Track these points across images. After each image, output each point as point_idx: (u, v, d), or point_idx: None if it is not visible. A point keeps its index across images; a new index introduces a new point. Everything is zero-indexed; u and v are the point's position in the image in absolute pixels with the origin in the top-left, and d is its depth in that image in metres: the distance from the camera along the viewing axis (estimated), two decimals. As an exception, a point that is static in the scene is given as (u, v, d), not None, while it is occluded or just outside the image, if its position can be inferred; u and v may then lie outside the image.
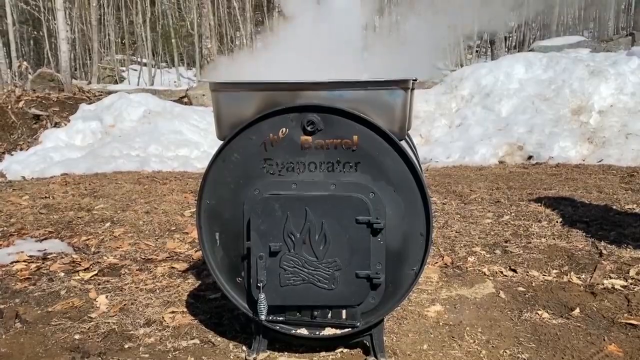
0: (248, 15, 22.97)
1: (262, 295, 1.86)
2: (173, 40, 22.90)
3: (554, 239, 3.55)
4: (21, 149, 8.09)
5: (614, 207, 4.23)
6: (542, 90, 8.21)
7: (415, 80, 1.98)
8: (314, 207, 1.87)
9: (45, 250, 3.57)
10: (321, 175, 1.92)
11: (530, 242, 3.48)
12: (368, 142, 1.89)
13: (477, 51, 25.35)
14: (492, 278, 2.94)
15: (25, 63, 11.30)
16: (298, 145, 1.92)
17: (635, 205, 4.23)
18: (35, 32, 22.60)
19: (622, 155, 6.37)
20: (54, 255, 3.49)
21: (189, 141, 8.22)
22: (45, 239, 3.85)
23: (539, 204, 4.45)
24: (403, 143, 1.97)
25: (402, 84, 1.85)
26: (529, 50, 12.77)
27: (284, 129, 1.92)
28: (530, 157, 6.94)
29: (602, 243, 3.38)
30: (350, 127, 1.89)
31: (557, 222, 3.93)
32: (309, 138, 1.91)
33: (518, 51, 22.16)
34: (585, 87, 7.83)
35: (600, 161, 6.37)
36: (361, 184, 1.89)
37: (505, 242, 3.54)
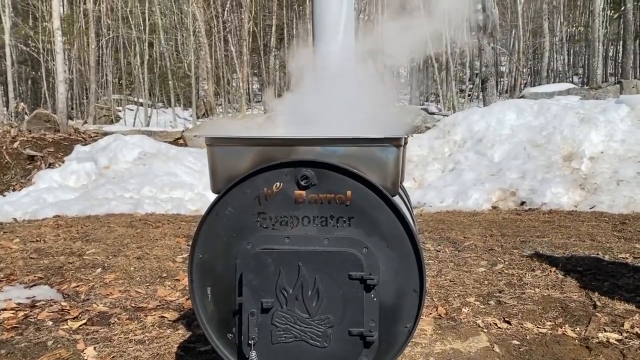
0: (245, 58, 23.40)
1: (253, 353, 1.83)
2: (170, 82, 23.21)
3: (548, 289, 3.53)
4: (14, 190, 8.07)
5: (607, 256, 4.24)
6: (534, 137, 8.33)
7: (408, 137, 2.01)
8: (307, 262, 1.86)
9: (34, 297, 3.52)
10: (314, 230, 1.92)
11: (524, 293, 3.46)
12: (361, 197, 1.90)
13: (469, 95, 25.82)
14: (486, 330, 2.91)
15: (22, 104, 11.41)
16: (292, 199, 1.92)
17: (628, 255, 4.24)
18: (34, 73, 22.89)
19: (614, 202, 6.41)
20: (43, 302, 3.43)
21: (184, 183, 8.23)
22: (35, 285, 3.79)
23: (533, 252, 4.45)
24: (396, 198, 1.99)
25: (395, 142, 1.88)
26: (520, 97, 13.02)
27: (278, 183, 1.93)
28: (523, 203, 6.97)
29: (596, 294, 3.37)
30: (344, 182, 1.90)
31: (550, 271, 3.92)
32: (303, 192, 1.92)
33: (509, 95, 22.62)
34: (575, 134, 7.96)
35: (592, 208, 6.41)
36: (354, 239, 1.89)
37: (499, 292, 3.52)
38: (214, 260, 1.97)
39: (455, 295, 3.48)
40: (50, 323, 3.10)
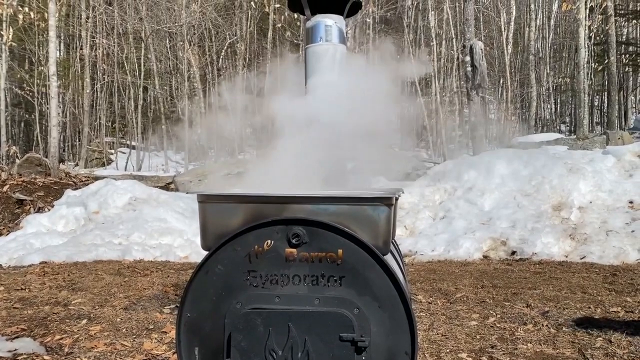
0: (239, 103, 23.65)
1: (241, 418, 1.78)
2: (163, 126, 23.37)
3: (540, 344, 3.49)
4: (0, 235, 7.96)
5: (599, 309, 4.21)
6: (523, 186, 8.41)
7: (399, 195, 2.03)
8: (297, 322, 1.83)
9: (15, 350, 3.42)
10: (305, 289, 1.90)
11: (516, 348, 3.42)
12: (352, 256, 1.89)
13: (459, 142, 26.16)
14: (479, 389, 2.85)
15: (14, 147, 11.41)
16: (283, 257, 1.91)
17: (619, 308, 4.22)
18: (27, 115, 22.98)
19: (604, 253, 6.43)
20: (25, 356, 3.34)
21: (173, 229, 8.16)
22: (17, 337, 3.69)
23: (524, 305, 4.42)
24: (388, 255, 1.98)
25: (386, 201, 1.89)
26: (509, 146, 13.23)
27: (269, 241, 1.92)
28: (514, 253, 6.97)
29: (589, 350, 3.34)
30: (335, 241, 1.90)
31: (542, 325, 3.89)
32: (294, 250, 1.91)
33: (498, 144, 22.93)
34: (564, 184, 8.04)
35: (583, 258, 6.42)
36: (345, 299, 1.87)
37: (492, 347, 3.47)
38: (203, 319, 1.93)
39: (447, 350, 3.43)
40: (32, 379, 3.01)
